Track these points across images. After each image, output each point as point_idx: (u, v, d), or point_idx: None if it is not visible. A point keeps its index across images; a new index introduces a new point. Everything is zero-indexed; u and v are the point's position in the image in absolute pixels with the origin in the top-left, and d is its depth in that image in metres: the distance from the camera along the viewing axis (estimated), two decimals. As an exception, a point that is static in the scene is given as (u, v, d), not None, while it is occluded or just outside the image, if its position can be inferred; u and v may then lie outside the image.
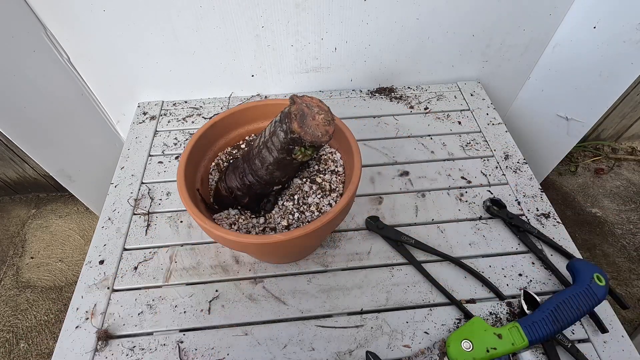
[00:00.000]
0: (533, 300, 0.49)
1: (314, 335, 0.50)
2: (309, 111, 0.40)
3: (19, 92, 0.67)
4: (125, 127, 0.86)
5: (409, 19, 0.72)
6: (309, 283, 0.55)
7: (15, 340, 1.05)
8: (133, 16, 0.67)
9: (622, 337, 0.49)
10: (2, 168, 1.23)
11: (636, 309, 1.09)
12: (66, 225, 1.29)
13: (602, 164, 1.43)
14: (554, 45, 0.78)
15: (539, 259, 0.56)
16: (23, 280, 1.16)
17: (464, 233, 0.60)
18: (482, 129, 0.76)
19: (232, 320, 0.52)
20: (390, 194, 0.65)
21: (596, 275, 0.48)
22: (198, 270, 0.56)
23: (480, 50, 0.80)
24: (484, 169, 0.69)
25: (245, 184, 0.47)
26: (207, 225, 0.42)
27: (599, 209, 1.30)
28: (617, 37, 0.66)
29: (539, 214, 0.62)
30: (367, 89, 0.84)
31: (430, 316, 0.51)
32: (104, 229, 0.61)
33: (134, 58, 0.74)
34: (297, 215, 0.47)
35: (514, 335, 0.45)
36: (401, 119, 0.78)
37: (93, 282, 0.55)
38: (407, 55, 0.80)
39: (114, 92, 0.81)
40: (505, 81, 0.87)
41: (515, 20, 0.75)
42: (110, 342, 0.50)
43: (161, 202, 0.64)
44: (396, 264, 0.57)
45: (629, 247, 1.20)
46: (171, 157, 0.72)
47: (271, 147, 0.42)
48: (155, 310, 0.52)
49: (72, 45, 0.71)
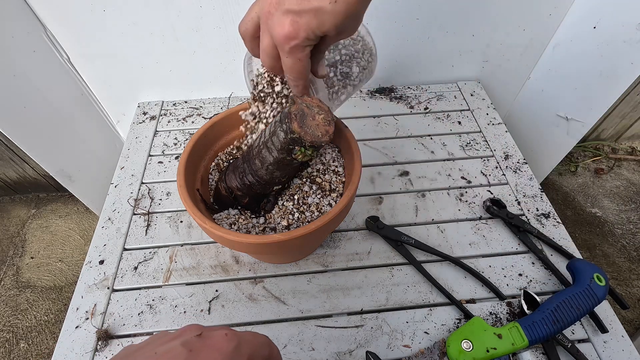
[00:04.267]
0: (533, 300, 0.49)
1: (314, 335, 0.50)
2: (309, 111, 0.40)
3: (19, 92, 0.67)
4: (125, 127, 0.86)
5: (409, 19, 0.72)
6: (309, 283, 0.55)
7: (15, 340, 1.05)
8: (133, 16, 0.67)
9: (622, 337, 0.49)
10: (2, 168, 1.23)
11: (636, 309, 1.09)
12: (66, 225, 1.29)
13: (602, 164, 1.43)
14: (554, 45, 0.78)
15: (539, 259, 0.56)
16: (23, 280, 1.16)
17: (464, 233, 0.60)
18: (482, 129, 0.76)
19: (232, 320, 0.52)
20: (390, 194, 0.65)
21: (596, 275, 0.48)
22: (198, 270, 0.56)
23: (480, 50, 0.80)
24: (484, 169, 0.69)
25: (245, 184, 0.47)
26: (207, 225, 0.42)
27: (599, 209, 1.30)
28: (617, 37, 0.66)
29: (539, 214, 0.62)
30: (367, 89, 0.84)
31: (430, 316, 0.51)
32: (104, 229, 0.61)
33: (134, 58, 0.74)
34: (297, 215, 0.47)
35: (514, 335, 0.45)
36: (401, 119, 0.78)
37: (93, 282, 0.55)
38: (407, 55, 0.80)
39: (114, 92, 0.81)
40: (505, 81, 0.87)
41: (515, 20, 0.75)
42: (110, 342, 0.50)
43: (161, 202, 0.64)
44: (396, 264, 0.57)
45: (629, 247, 1.20)
46: (171, 157, 0.72)
47: (271, 147, 0.42)
48: (155, 310, 0.52)
49: (72, 45, 0.71)
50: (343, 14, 0.31)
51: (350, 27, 0.33)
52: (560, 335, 0.47)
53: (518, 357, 0.47)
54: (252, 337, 0.27)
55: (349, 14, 0.31)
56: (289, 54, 0.34)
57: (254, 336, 0.27)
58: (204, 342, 0.24)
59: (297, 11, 0.31)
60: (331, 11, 0.31)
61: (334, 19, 0.31)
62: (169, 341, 0.24)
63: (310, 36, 0.32)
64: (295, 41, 0.32)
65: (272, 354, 0.28)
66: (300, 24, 0.31)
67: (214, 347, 0.24)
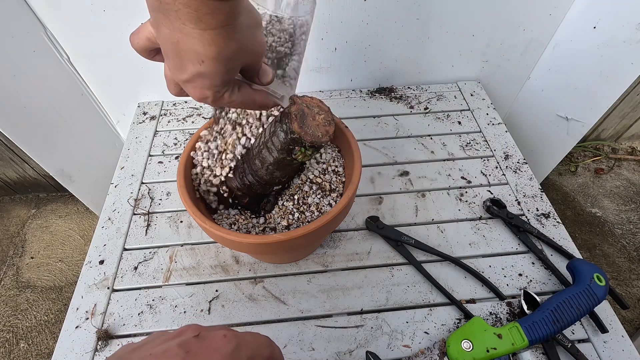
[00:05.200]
0: (533, 300, 0.49)
1: (314, 335, 0.50)
2: (309, 111, 0.40)
3: (19, 92, 0.67)
4: (125, 127, 0.86)
5: (409, 19, 0.72)
6: (309, 283, 0.55)
7: (15, 340, 1.05)
8: (133, 16, 0.67)
9: (622, 337, 0.49)
10: (2, 168, 1.23)
11: (636, 309, 1.09)
12: (66, 225, 1.29)
13: (602, 164, 1.43)
14: (554, 45, 0.78)
15: (539, 259, 0.56)
16: (23, 280, 1.16)
17: (464, 233, 0.60)
18: (482, 129, 0.76)
19: (232, 320, 0.52)
20: (390, 194, 0.65)
21: (596, 275, 0.48)
22: (198, 270, 0.56)
23: (480, 50, 0.80)
24: (484, 169, 0.69)
25: (245, 184, 0.47)
26: (207, 225, 0.42)
27: (599, 209, 1.30)
28: (617, 37, 0.66)
29: (539, 214, 0.62)
30: (367, 89, 0.84)
31: (430, 316, 0.51)
32: (104, 229, 0.61)
33: (134, 58, 0.74)
34: (297, 215, 0.47)
35: (514, 335, 0.45)
36: (401, 119, 0.78)
37: (93, 282, 0.55)
38: (407, 55, 0.80)
39: (114, 92, 0.81)
40: (505, 81, 0.87)
41: (515, 20, 0.75)
42: (110, 342, 0.50)
43: (161, 202, 0.64)
44: (396, 264, 0.57)
45: (629, 247, 1.20)
46: (171, 157, 0.72)
47: (271, 147, 0.42)
48: (155, 310, 0.52)
49: (72, 45, 0.71)
50: (222, 62, 0.27)
51: (247, 56, 0.29)
52: (560, 335, 0.47)
53: (518, 357, 0.47)
54: (253, 338, 0.27)
55: (227, 58, 0.27)
56: (215, 105, 0.31)
57: (255, 337, 0.27)
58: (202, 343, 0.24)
59: (187, 80, 0.28)
60: (209, 69, 0.27)
61: (217, 70, 0.27)
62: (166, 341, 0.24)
63: (217, 90, 0.29)
64: (209, 99, 0.30)
65: (273, 354, 0.27)
66: (200, 89, 0.29)
67: (212, 348, 0.24)
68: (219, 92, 0.30)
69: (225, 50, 0.26)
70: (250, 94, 0.33)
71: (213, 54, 0.26)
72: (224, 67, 0.27)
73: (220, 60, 0.26)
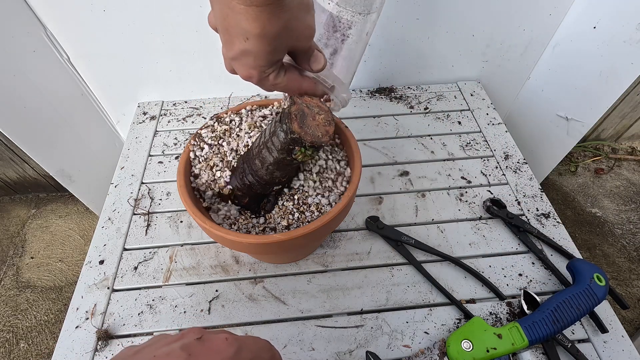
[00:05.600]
0: (533, 300, 0.49)
1: (314, 335, 0.50)
2: (309, 111, 0.40)
3: (19, 92, 0.67)
4: (125, 127, 0.86)
5: (409, 19, 0.72)
6: (309, 283, 0.55)
7: (15, 340, 1.05)
8: (133, 16, 0.67)
9: (622, 337, 0.49)
10: (2, 168, 1.23)
11: (636, 309, 1.09)
12: (66, 225, 1.29)
13: (602, 164, 1.43)
14: (554, 45, 0.78)
15: (539, 259, 0.56)
16: (23, 280, 1.16)
17: (464, 233, 0.60)
18: (482, 129, 0.76)
19: (232, 320, 0.52)
20: (390, 194, 0.65)
21: (596, 275, 0.48)
22: (198, 270, 0.56)
23: (480, 50, 0.80)
24: (484, 169, 0.69)
25: (245, 184, 0.47)
26: (207, 225, 0.42)
27: (599, 209, 1.30)
28: (617, 37, 0.66)
29: (539, 214, 0.62)
30: (367, 89, 0.84)
31: (430, 316, 0.51)
32: (104, 229, 0.61)
33: (134, 58, 0.74)
34: (297, 215, 0.47)
35: (514, 335, 0.45)
36: (401, 119, 0.78)
37: (93, 282, 0.55)
38: (407, 55, 0.80)
39: (114, 92, 0.81)
40: (505, 81, 0.87)
41: (515, 20, 0.75)
42: (110, 342, 0.50)
43: (161, 202, 0.64)
44: (396, 264, 0.57)
45: (629, 247, 1.20)
46: (171, 157, 0.72)
47: (271, 147, 0.42)
48: (155, 310, 0.52)
49: (72, 45, 0.71)
50: (266, 40, 0.27)
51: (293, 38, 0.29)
52: (560, 335, 0.47)
53: (518, 357, 0.47)
54: (253, 342, 0.27)
55: (271, 36, 0.27)
56: (260, 85, 0.31)
57: (255, 341, 0.27)
58: (204, 345, 0.24)
59: (234, 57, 0.29)
60: (254, 47, 0.27)
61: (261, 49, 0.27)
62: (169, 344, 0.24)
63: (262, 70, 0.29)
64: (254, 79, 0.30)
65: (273, 358, 0.27)
66: (245, 66, 0.29)
67: (214, 350, 0.24)
68: (264, 72, 0.30)
69: (268, 28, 0.26)
70: (297, 79, 0.33)
71: (257, 30, 0.26)
72: (268, 45, 0.27)
73: (264, 39, 0.27)
